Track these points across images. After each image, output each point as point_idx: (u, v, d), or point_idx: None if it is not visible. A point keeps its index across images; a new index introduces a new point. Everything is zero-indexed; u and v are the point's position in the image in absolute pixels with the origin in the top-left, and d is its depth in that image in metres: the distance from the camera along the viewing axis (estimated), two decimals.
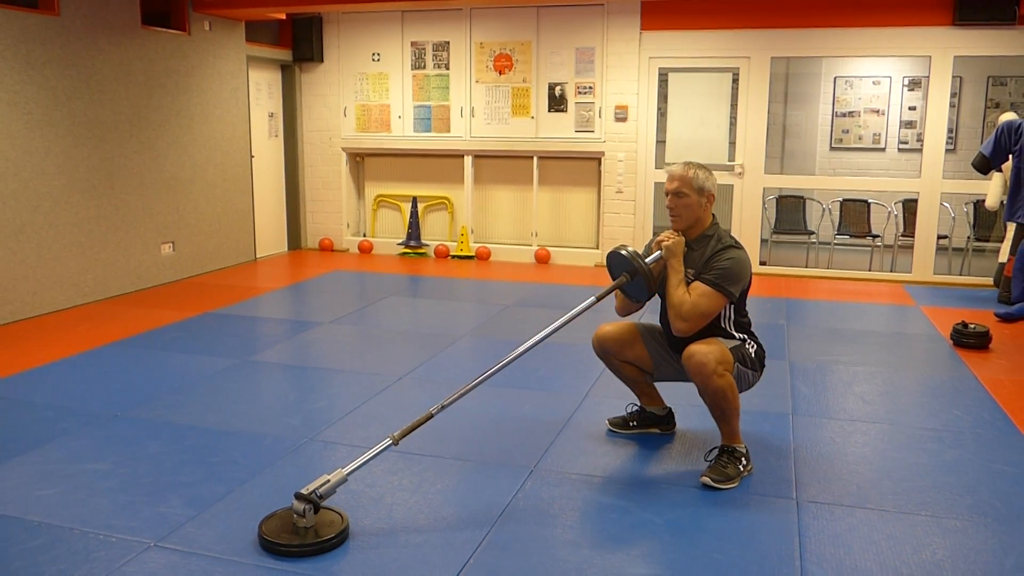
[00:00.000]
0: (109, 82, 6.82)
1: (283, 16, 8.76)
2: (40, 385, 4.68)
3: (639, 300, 3.61)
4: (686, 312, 3.42)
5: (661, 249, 3.52)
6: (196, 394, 4.54)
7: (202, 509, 3.16)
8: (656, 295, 3.64)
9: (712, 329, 3.52)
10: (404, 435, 3.11)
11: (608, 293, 3.52)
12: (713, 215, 3.61)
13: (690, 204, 3.52)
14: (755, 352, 3.60)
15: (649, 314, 4.08)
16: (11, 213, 6.02)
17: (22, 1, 6.18)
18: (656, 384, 3.96)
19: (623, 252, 3.47)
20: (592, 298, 3.45)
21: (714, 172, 3.64)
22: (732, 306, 3.55)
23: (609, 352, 3.84)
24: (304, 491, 2.91)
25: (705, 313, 3.43)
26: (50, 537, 2.94)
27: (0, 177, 5.92)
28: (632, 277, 3.45)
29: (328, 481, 2.93)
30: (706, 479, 3.39)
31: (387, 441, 3.09)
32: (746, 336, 3.62)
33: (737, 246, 3.54)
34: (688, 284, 3.48)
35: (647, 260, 3.46)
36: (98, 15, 6.68)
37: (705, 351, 3.35)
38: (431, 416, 3.19)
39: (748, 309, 3.67)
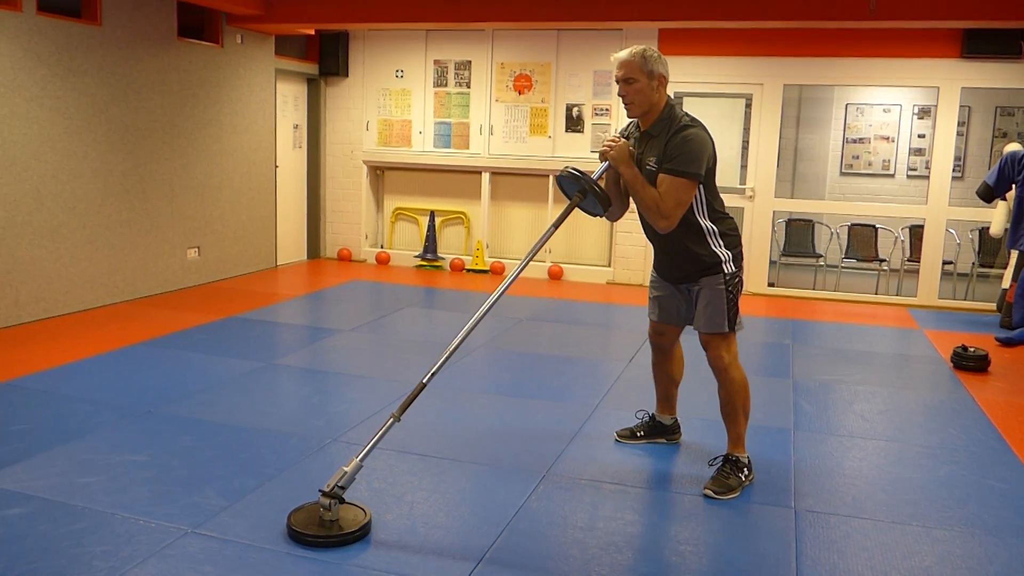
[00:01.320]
0: (146, 90, 7.09)
1: (312, 32, 9.04)
2: (75, 380, 4.90)
3: (598, 214, 3.60)
4: (663, 209, 3.41)
5: (608, 159, 3.51)
6: (224, 394, 4.76)
7: (235, 500, 3.37)
8: (624, 200, 3.73)
9: (688, 224, 3.52)
10: (403, 410, 3.27)
11: (565, 215, 3.51)
12: (669, 97, 3.56)
13: (641, 89, 3.45)
14: (732, 259, 3.60)
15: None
16: (48, 213, 6.27)
17: (67, 11, 6.45)
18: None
19: (568, 172, 3.48)
20: (551, 226, 3.51)
21: (726, 196, 3.79)
22: (702, 187, 3.49)
23: (659, 344, 4.00)
24: (326, 487, 3.10)
25: (680, 201, 3.41)
26: (93, 521, 3.15)
27: (40, 179, 6.18)
28: (584, 196, 3.47)
29: (345, 472, 3.11)
30: (708, 491, 3.57)
31: (390, 420, 3.26)
32: (717, 227, 3.58)
33: (693, 124, 3.47)
34: (653, 172, 3.46)
35: (595, 174, 3.49)
36: (138, 26, 6.95)
37: (719, 346, 3.60)
38: (423, 386, 3.35)
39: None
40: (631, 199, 3.68)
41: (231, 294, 7.60)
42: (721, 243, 3.61)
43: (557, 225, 3.52)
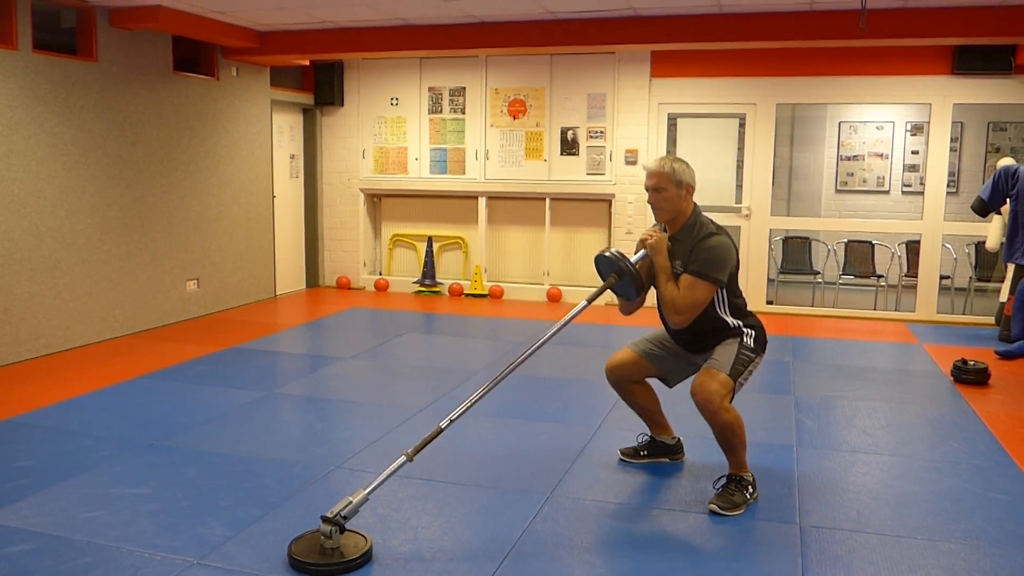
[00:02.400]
0: (142, 125, 7.15)
1: (306, 62, 9.12)
2: (77, 415, 4.90)
3: (629, 298, 3.76)
4: (679, 306, 3.58)
5: (645, 247, 3.70)
6: (226, 424, 4.76)
7: (239, 530, 3.37)
8: (648, 290, 3.80)
9: (710, 316, 3.66)
10: (417, 451, 3.29)
11: (599, 294, 3.67)
12: (695, 204, 3.75)
13: (670, 197, 3.66)
14: (754, 338, 3.72)
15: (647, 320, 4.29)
16: (47, 250, 6.30)
17: (63, 48, 6.52)
18: (667, 417, 4.16)
19: (608, 254, 3.65)
20: (584, 301, 3.65)
21: (722, 215, 3.85)
22: (724, 290, 3.67)
23: (622, 377, 4.04)
24: (329, 514, 3.10)
25: (696, 303, 3.57)
26: (99, 556, 3.15)
27: (38, 215, 6.21)
28: (620, 277, 3.62)
29: (351, 502, 3.12)
30: (714, 507, 3.58)
31: (402, 458, 3.27)
32: (741, 321, 3.73)
33: (719, 232, 3.66)
34: (678, 275, 3.63)
35: (632, 259, 3.64)
36: (133, 61, 7.01)
37: (710, 390, 3.53)
38: (440, 431, 3.38)
39: (742, 289, 3.83)
40: (646, 292, 3.79)
41: (231, 325, 7.62)
42: (742, 326, 3.74)
43: (590, 301, 3.66)
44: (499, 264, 9.48)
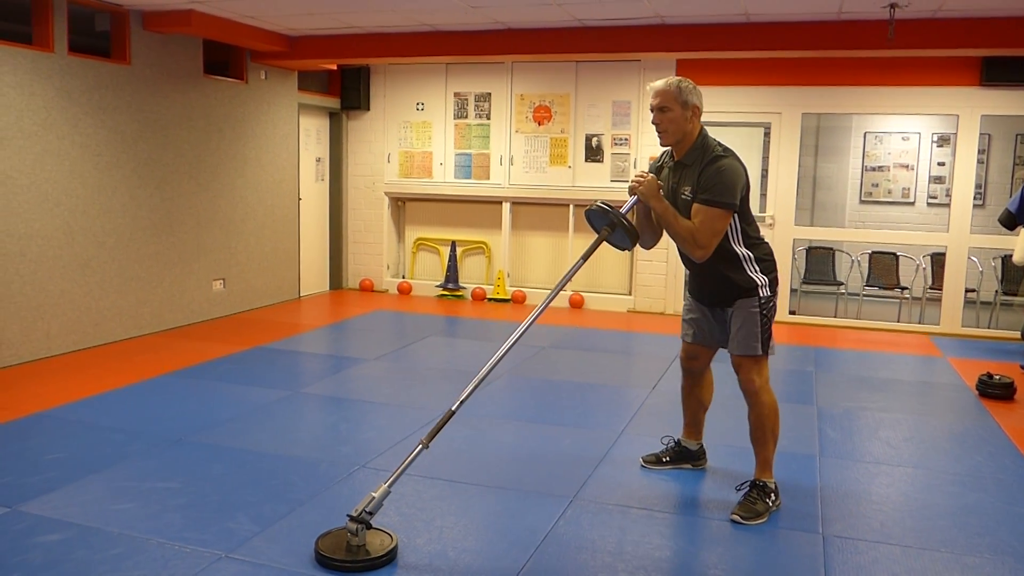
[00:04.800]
0: (173, 127, 7.25)
1: (334, 67, 9.20)
2: (107, 410, 4.98)
3: (625, 248, 3.68)
4: (699, 239, 3.47)
5: (635, 194, 3.58)
6: (252, 422, 4.82)
7: (266, 526, 3.42)
8: (662, 232, 3.78)
9: (724, 252, 3.56)
10: (431, 437, 3.33)
11: (593, 249, 3.59)
12: (702, 126, 3.63)
13: (675, 118, 3.54)
14: (768, 285, 3.65)
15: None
16: (79, 248, 6.40)
17: (97, 51, 6.63)
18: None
19: (596, 207, 3.57)
20: (580, 259, 3.64)
21: None
22: (736, 215, 3.54)
23: (695, 369, 4.04)
24: (354, 512, 3.14)
25: (716, 230, 3.47)
26: (129, 547, 3.20)
27: (71, 214, 6.31)
28: (613, 229, 3.55)
29: (373, 498, 3.16)
30: (736, 516, 3.58)
31: (419, 447, 3.31)
32: (753, 253, 3.62)
33: (726, 154, 3.53)
34: (688, 202, 3.52)
35: (623, 209, 3.56)
36: (165, 64, 7.12)
37: (749, 368, 3.63)
38: (452, 413, 3.42)
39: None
40: (663, 229, 3.74)
41: (256, 325, 7.69)
42: (757, 268, 3.65)
43: (586, 258, 3.62)
44: (522, 269, 9.52)
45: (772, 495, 3.68)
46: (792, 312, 8.70)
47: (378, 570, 3.08)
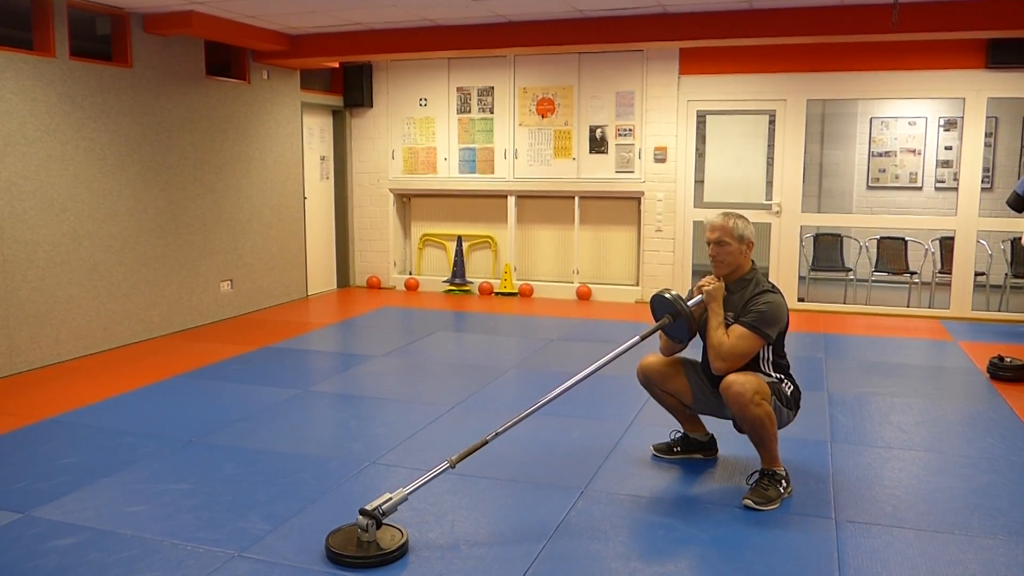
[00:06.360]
0: (176, 129, 7.25)
1: (336, 64, 9.19)
2: (118, 413, 5.00)
3: (680, 341, 3.88)
4: (725, 352, 3.66)
5: (702, 293, 3.78)
6: (263, 421, 4.82)
7: (279, 524, 3.42)
8: (697, 335, 3.89)
9: (752, 369, 3.73)
10: (461, 459, 3.34)
11: (652, 333, 3.76)
12: (752, 261, 3.86)
13: (731, 251, 3.77)
14: (791, 392, 3.81)
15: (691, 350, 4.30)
16: (86, 252, 6.41)
17: (98, 54, 6.63)
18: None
19: (667, 295, 3.72)
20: (636, 337, 3.72)
21: (752, 212, 3.87)
22: (770, 347, 3.77)
23: (652, 382, 4.08)
24: (368, 507, 3.15)
25: (743, 353, 3.66)
26: (143, 549, 3.21)
27: (77, 218, 6.33)
28: (674, 319, 3.70)
29: (390, 499, 3.17)
30: (748, 501, 3.58)
31: (444, 464, 3.33)
32: (783, 376, 3.83)
33: (774, 291, 3.78)
34: (728, 326, 3.72)
35: (689, 303, 3.72)
36: (167, 66, 7.12)
37: (742, 381, 3.56)
38: (486, 442, 3.43)
39: (787, 350, 3.86)
40: (692, 337, 3.88)
41: (264, 325, 7.71)
42: (782, 384, 3.79)
43: (643, 338, 3.72)
44: (528, 263, 9.51)
45: (784, 481, 3.67)
46: (801, 299, 8.67)
47: (389, 565, 3.08)
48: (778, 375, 3.80)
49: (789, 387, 3.80)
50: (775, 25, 7.07)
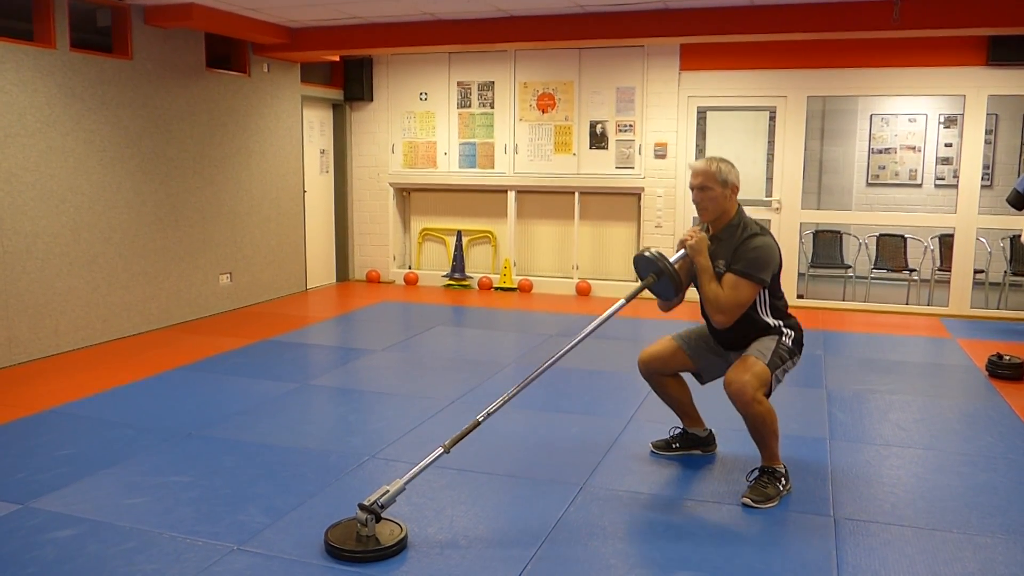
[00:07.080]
0: (176, 121, 7.24)
1: (336, 58, 9.18)
2: (117, 405, 5.00)
3: (668, 298, 3.80)
4: (722, 304, 3.61)
5: (686, 247, 3.71)
6: (262, 415, 4.83)
7: (277, 518, 3.42)
8: (688, 288, 3.84)
9: (751, 317, 3.70)
10: (454, 443, 3.32)
11: (637, 293, 3.71)
12: (739, 204, 3.78)
13: (715, 197, 3.69)
14: (793, 339, 3.76)
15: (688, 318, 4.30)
16: (86, 244, 6.41)
17: (99, 46, 6.62)
18: (699, 409, 4.18)
19: (647, 254, 3.67)
20: (622, 299, 3.67)
21: (752, 209, 3.85)
22: (766, 290, 3.71)
23: (654, 371, 4.06)
24: (366, 502, 3.15)
25: (740, 302, 3.61)
26: (142, 541, 3.21)
27: (76, 210, 6.32)
28: (659, 277, 3.64)
29: (387, 491, 3.16)
30: (747, 500, 3.58)
31: (439, 450, 3.31)
32: (782, 321, 3.78)
33: (763, 232, 3.70)
34: (720, 275, 3.66)
35: (672, 259, 3.66)
36: (167, 59, 7.11)
37: (743, 380, 3.55)
38: (478, 424, 3.40)
39: (789, 312, 3.85)
40: (686, 290, 3.85)
41: (263, 318, 7.70)
42: (783, 331, 3.77)
43: (628, 300, 3.67)
44: (528, 258, 9.51)
45: (783, 479, 3.68)
46: (800, 296, 8.67)
47: (388, 560, 3.08)
48: (777, 320, 3.76)
49: (789, 335, 3.75)
50: (776, 21, 7.06)
